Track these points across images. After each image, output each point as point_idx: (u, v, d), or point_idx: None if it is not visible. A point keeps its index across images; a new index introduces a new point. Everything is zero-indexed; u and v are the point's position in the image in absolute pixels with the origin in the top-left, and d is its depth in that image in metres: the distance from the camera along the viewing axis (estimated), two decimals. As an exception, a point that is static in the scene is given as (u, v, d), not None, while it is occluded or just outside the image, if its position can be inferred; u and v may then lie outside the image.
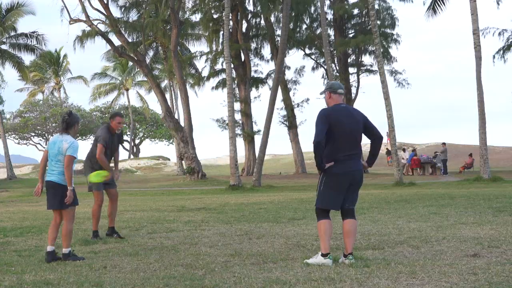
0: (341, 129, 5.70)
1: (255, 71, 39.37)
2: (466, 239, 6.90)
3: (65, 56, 69.24)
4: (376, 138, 5.99)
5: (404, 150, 35.21)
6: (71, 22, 34.57)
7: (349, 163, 5.73)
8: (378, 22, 31.67)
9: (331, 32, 37.93)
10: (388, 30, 36.68)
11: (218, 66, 38.41)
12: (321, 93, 6.17)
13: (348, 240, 5.71)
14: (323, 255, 5.61)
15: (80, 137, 70.76)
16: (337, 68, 37.93)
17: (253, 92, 39.19)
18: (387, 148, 53.18)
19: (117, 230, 8.59)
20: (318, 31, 36.76)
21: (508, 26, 66.62)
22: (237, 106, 35.93)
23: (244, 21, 37.80)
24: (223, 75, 36.36)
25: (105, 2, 34.65)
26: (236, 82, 36.48)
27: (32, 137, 68.38)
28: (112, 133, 8.51)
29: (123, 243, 7.79)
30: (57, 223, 6.69)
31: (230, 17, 32.11)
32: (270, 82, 37.51)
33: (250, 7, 38.65)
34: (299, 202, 14.79)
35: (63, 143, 6.54)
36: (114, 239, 8.17)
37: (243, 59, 37.72)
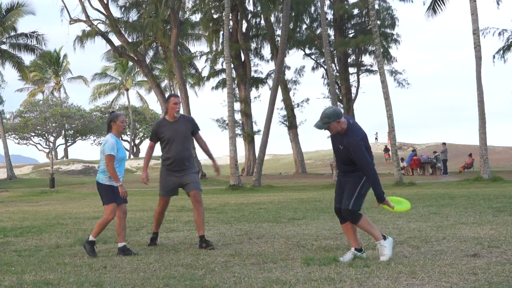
0: (368, 144, 5.94)
1: (255, 71, 39.40)
2: (466, 239, 6.90)
3: (65, 56, 69.31)
4: None
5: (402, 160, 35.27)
6: (71, 22, 34.59)
7: None
8: (378, 22, 31.67)
9: (331, 32, 37.97)
10: (388, 30, 36.71)
11: (218, 66, 38.45)
12: (321, 126, 5.77)
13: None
14: (382, 239, 5.83)
15: (80, 137, 70.85)
16: (337, 68, 37.96)
17: (253, 92, 39.24)
18: (385, 146, 53.30)
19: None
20: (318, 31, 36.78)
21: (508, 26, 66.58)
22: (237, 106, 35.96)
23: (244, 21, 37.82)
24: (223, 75, 36.37)
25: (105, 2, 34.66)
26: (236, 82, 36.49)
27: (32, 137, 68.38)
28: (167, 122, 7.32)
29: (123, 243, 7.79)
30: (118, 218, 6.84)
31: (230, 17, 32.11)
32: (270, 82, 37.53)
33: (250, 7, 38.69)
34: (299, 202, 14.79)
35: (103, 143, 6.76)
36: (115, 239, 8.15)
37: (243, 59, 37.74)
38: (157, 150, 8.06)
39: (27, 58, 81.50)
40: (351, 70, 38.72)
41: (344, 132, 5.79)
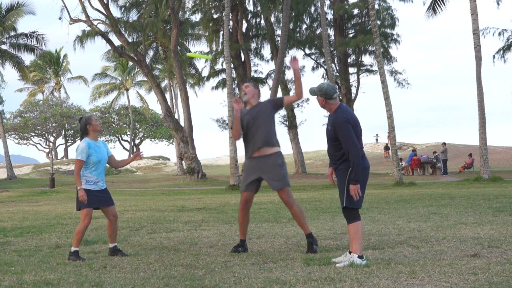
0: (359, 131, 5.70)
1: (255, 71, 39.37)
2: (466, 239, 6.90)
3: (65, 56, 69.32)
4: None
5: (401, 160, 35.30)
6: (71, 22, 34.60)
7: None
8: (378, 22, 31.67)
9: (331, 32, 37.96)
10: (388, 30, 36.69)
11: (218, 66, 38.42)
12: (310, 91, 5.80)
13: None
14: (360, 257, 5.50)
15: (80, 138, 70.86)
16: (337, 68, 37.95)
17: (253, 92, 39.21)
18: (386, 144, 53.34)
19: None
20: (318, 31, 36.78)
21: (508, 26, 66.54)
22: (237, 106, 35.90)
23: (244, 21, 37.78)
24: (223, 75, 36.37)
25: (105, 2, 34.66)
26: (236, 82, 36.48)
27: (32, 137, 68.42)
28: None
29: (123, 243, 7.79)
30: (108, 221, 6.82)
31: (230, 17, 32.12)
32: (270, 82, 37.52)
33: (250, 7, 38.66)
34: (299, 202, 14.75)
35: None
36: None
37: (243, 59, 37.72)
38: (157, 151, 8.00)
39: (27, 58, 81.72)
40: (351, 70, 38.71)
41: (332, 113, 5.72)
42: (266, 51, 68.48)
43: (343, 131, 5.53)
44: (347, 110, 5.74)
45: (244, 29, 37.62)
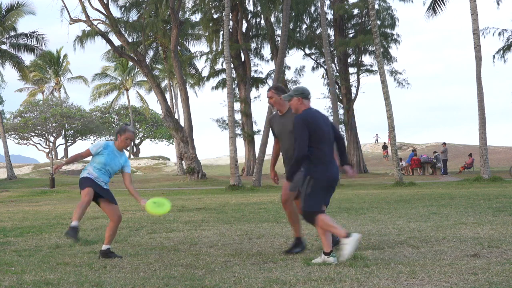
0: (322, 134, 5.74)
1: (255, 71, 39.41)
2: (466, 239, 6.90)
3: (65, 56, 69.32)
4: (340, 139, 6.11)
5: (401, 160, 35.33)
6: (71, 22, 34.59)
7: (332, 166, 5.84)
8: (378, 22, 31.68)
9: (331, 32, 37.98)
10: (388, 30, 36.72)
11: (218, 66, 38.46)
12: (285, 97, 5.99)
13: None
14: (326, 253, 5.63)
15: (80, 137, 70.88)
16: (337, 68, 37.96)
17: (253, 92, 39.35)
18: (384, 143, 53.37)
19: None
20: (318, 31, 36.79)
21: (508, 26, 66.55)
22: (237, 106, 35.97)
23: (244, 21, 37.82)
24: (223, 75, 36.39)
25: (105, 2, 34.66)
26: (236, 82, 36.49)
27: (32, 137, 68.42)
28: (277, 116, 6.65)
29: (123, 243, 7.79)
30: (111, 222, 6.77)
31: (230, 17, 32.13)
32: (270, 82, 37.53)
33: (250, 7, 38.70)
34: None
35: None
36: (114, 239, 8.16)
37: (243, 59, 37.75)
38: (157, 151, 8.01)
39: (27, 58, 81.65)
40: (351, 70, 38.73)
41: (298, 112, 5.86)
42: (266, 51, 68.44)
43: (297, 130, 5.66)
44: (314, 114, 5.81)
45: (244, 29, 37.65)
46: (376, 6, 32.98)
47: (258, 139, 32.96)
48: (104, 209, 6.67)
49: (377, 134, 64.79)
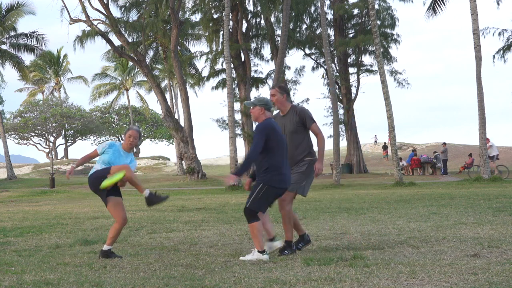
0: (278, 143, 6.12)
1: (255, 71, 39.38)
2: (466, 239, 6.90)
3: (65, 56, 69.32)
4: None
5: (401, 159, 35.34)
6: (71, 22, 34.59)
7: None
8: (378, 22, 31.68)
9: (331, 32, 37.96)
10: (388, 30, 36.70)
11: (218, 66, 38.42)
12: (248, 104, 6.37)
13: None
14: (260, 252, 6.03)
15: (80, 137, 70.88)
16: (337, 68, 37.95)
17: (253, 92, 39.22)
18: (384, 143, 53.39)
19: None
20: (318, 31, 36.77)
21: (508, 26, 66.57)
22: (237, 106, 35.93)
23: (244, 21, 37.79)
24: (223, 75, 36.36)
25: (105, 2, 34.66)
26: (236, 82, 36.48)
27: (32, 137, 68.41)
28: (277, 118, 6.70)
29: (123, 243, 7.79)
30: (117, 223, 6.78)
31: (230, 17, 32.12)
32: (270, 82, 37.52)
33: (250, 7, 38.67)
34: (299, 202, 14.78)
35: None
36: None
37: (243, 59, 37.72)
38: (157, 151, 8.02)
39: (27, 58, 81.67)
40: (351, 70, 38.71)
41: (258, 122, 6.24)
42: (266, 51, 68.44)
43: (256, 136, 6.08)
44: (273, 124, 6.19)
45: (244, 29, 37.63)
46: (376, 6, 32.98)
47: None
48: (110, 209, 6.63)
49: (375, 135, 64.81)
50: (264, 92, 39.75)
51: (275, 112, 6.84)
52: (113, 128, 72.19)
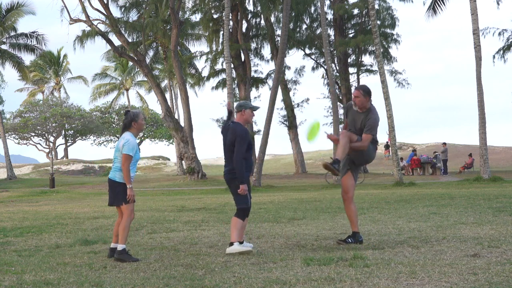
0: (250, 145, 6.70)
1: (255, 71, 39.38)
2: (466, 239, 6.90)
3: (65, 56, 69.30)
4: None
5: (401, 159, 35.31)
6: (71, 22, 34.59)
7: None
8: (378, 22, 31.67)
9: (331, 32, 37.95)
10: (388, 30, 36.69)
11: (218, 66, 38.42)
12: (237, 107, 6.79)
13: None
14: (240, 243, 6.47)
15: (80, 137, 70.86)
16: (337, 68, 37.95)
17: (253, 92, 39.24)
18: (386, 142, 53.36)
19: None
20: (318, 31, 36.77)
21: (508, 26, 66.61)
22: (237, 106, 35.90)
23: (244, 21, 37.79)
24: (223, 75, 36.36)
25: (105, 2, 34.66)
26: (236, 82, 36.47)
27: (32, 137, 68.35)
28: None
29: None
30: (119, 220, 6.66)
31: (230, 17, 32.12)
32: (270, 82, 37.52)
33: (250, 7, 38.67)
34: (299, 202, 14.79)
35: (121, 140, 6.57)
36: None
37: (243, 59, 37.72)
38: (157, 151, 8.03)
39: (27, 58, 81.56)
40: (351, 70, 38.70)
41: (237, 123, 6.70)
42: (266, 51, 68.39)
43: (241, 140, 6.52)
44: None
45: (244, 29, 37.63)
46: (376, 6, 32.96)
47: (258, 139, 32.94)
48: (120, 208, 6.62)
49: None
50: (264, 92, 39.73)
51: (351, 103, 7.24)
52: (113, 128, 72.16)
